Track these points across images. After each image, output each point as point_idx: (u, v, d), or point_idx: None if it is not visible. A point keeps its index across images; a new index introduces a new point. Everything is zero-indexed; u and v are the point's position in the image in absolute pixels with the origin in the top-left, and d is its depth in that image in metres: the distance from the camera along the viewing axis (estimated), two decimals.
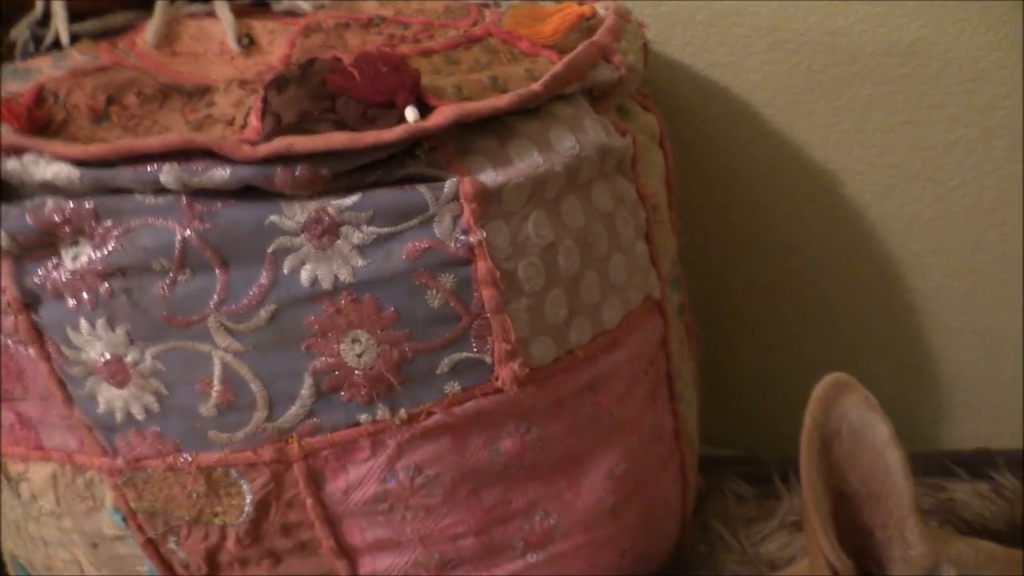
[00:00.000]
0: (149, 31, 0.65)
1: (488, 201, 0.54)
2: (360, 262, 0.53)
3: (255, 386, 0.55)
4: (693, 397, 0.80)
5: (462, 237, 0.54)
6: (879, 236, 0.95)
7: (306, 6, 0.69)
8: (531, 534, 0.63)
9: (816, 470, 0.53)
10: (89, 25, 0.66)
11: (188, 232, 0.52)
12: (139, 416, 0.56)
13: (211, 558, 0.59)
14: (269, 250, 0.53)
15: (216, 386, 0.55)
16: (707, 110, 0.90)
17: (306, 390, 0.55)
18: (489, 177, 0.54)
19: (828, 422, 0.53)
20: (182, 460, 0.56)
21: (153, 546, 0.60)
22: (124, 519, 0.59)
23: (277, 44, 0.64)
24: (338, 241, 0.53)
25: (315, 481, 0.57)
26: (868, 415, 0.53)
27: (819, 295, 1.01)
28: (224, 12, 0.66)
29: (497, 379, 0.57)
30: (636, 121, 0.69)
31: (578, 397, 0.62)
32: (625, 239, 0.64)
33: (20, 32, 0.65)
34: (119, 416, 0.56)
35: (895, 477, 0.53)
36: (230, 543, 0.59)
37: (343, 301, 0.54)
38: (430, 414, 0.57)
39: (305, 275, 0.53)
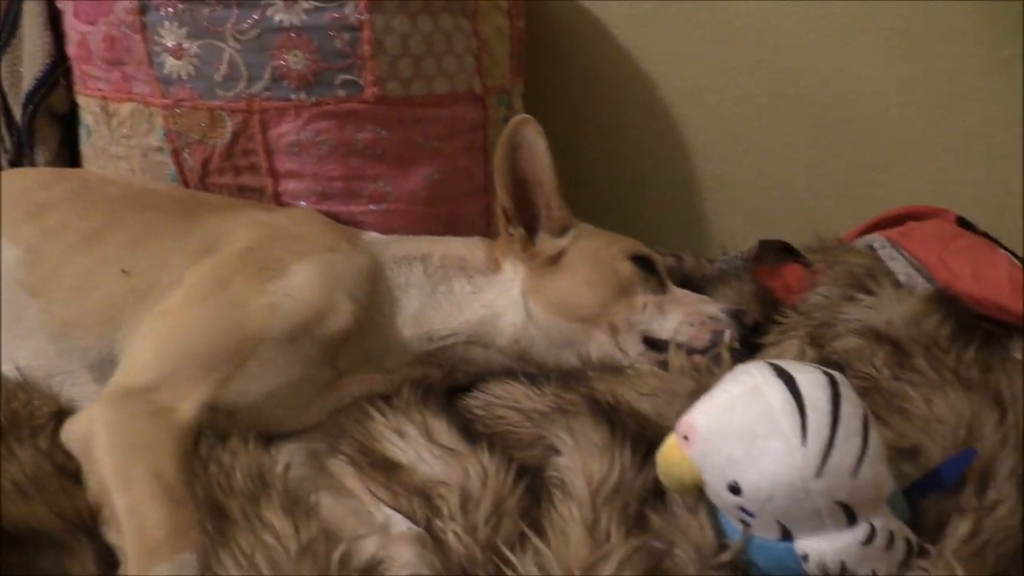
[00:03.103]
0: None
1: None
2: (304, 17, 1.08)
3: (243, 68, 1.09)
4: None
5: (358, 15, 1.08)
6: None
7: None
8: (374, 192, 1.16)
9: (506, 165, 1.04)
10: None
11: None
12: (184, 77, 1.10)
13: (204, 165, 1.14)
14: None
15: (224, 67, 1.09)
16: None
17: (267, 75, 1.09)
18: None
19: (516, 138, 1.04)
20: (200, 103, 1.11)
21: (176, 155, 1.14)
22: (164, 135, 1.13)
23: None
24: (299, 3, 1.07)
25: (264, 126, 1.11)
26: (537, 137, 1.05)
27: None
28: None
29: (365, 95, 1.11)
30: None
31: (413, 124, 1.16)
32: (458, 48, 1.18)
33: None
34: (174, 76, 1.11)
35: (547, 172, 1.05)
36: (216, 156, 1.13)
37: (294, 35, 1.08)
38: (327, 104, 1.11)
39: (279, 17, 1.07)
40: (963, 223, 1.16)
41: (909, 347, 0.91)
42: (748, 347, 0.99)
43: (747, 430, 0.62)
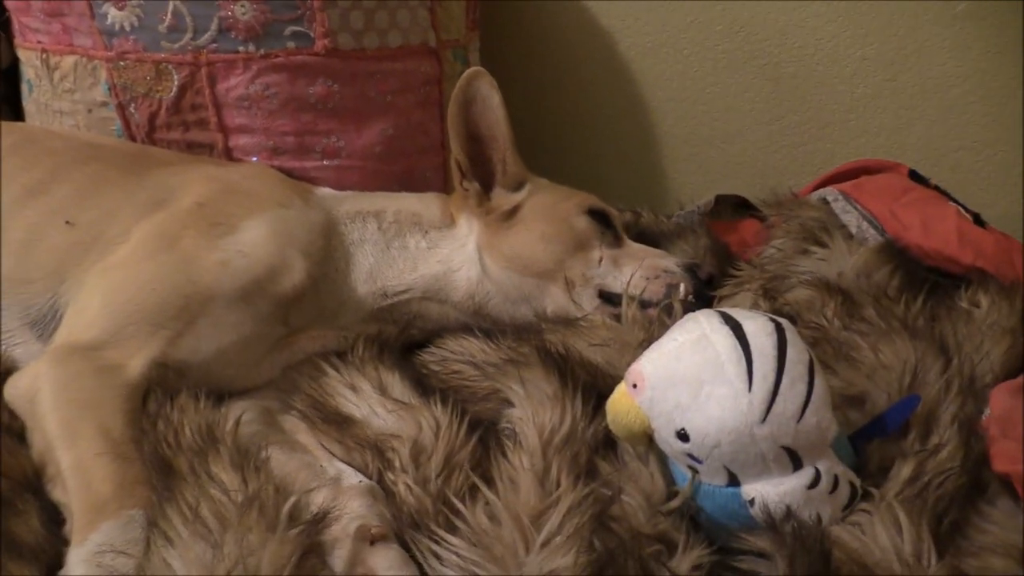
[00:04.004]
0: None
1: None
2: None
3: (189, 19, 1.06)
4: None
5: None
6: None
7: None
8: (327, 148, 1.14)
9: (460, 119, 1.03)
10: None
11: None
12: (128, 28, 1.07)
13: (151, 121, 1.11)
14: None
15: (168, 18, 1.06)
16: None
17: (214, 27, 1.06)
18: None
19: (469, 92, 1.02)
20: (145, 56, 1.07)
21: (122, 109, 1.11)
22: (109, 89, 1.10)
23: None
24: None
25: (212, 80, 1.08)
26: (491, 91, 1.03)
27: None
28: None
29: (316, 47, 1.09)
30: None
31: (367, 77, 1.14)
32: (412, 0, 1.15)
33: None
34: (117, 27, 1.07)
35: (502, 126, 1.04)
36: (163, 111, 1.10)
37: None
38: (277, 56, 1.08)
39: None
40: (915, 176, 1.18)
41: (859, 298, 0.92)
42: (702, 300, 0.99)
43: (694, 377, 0.62)
